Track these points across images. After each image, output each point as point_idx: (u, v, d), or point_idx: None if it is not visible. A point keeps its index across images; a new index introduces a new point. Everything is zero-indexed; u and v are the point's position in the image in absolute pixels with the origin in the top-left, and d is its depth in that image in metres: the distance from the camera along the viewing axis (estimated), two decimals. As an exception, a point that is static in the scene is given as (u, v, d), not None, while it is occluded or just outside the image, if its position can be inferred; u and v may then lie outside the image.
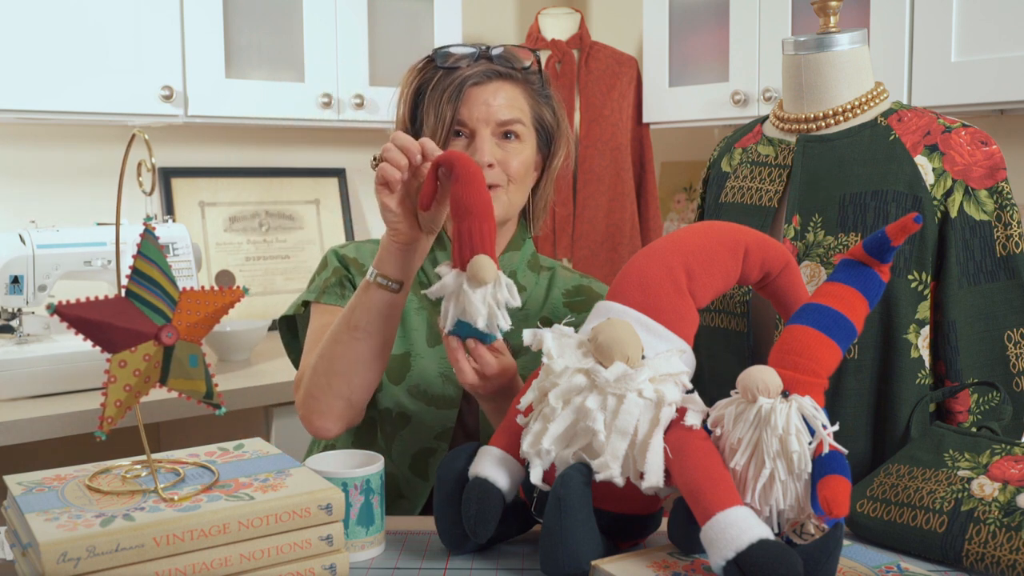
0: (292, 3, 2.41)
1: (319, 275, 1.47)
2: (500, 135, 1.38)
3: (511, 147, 1.38)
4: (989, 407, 1.26)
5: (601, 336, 1.03)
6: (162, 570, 0.91)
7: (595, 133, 2.76)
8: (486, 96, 1.37)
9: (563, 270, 1.52)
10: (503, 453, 1.09)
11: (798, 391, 1.01)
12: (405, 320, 1.43)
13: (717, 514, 0.95)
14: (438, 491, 1.11)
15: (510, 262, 1.45)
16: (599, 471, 1.00)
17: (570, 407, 1.02)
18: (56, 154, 2.42)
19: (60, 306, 0.89)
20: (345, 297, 1.43)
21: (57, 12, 2.07)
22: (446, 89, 1.37)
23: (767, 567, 0.91)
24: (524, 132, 1.40)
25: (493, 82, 1.38)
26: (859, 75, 1.33)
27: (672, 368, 1.04)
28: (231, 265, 2.62)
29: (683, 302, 1.09)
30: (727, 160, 1.45)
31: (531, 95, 1.43)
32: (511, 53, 1.43)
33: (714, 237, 1.13)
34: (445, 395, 1.40)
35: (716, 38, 2.56)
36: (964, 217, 1.25)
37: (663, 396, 1.01)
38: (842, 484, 0.95)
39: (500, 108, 1.37)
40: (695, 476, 0.98)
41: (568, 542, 1.00)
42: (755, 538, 0.92)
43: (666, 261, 1.10)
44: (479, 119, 1.36)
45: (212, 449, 1.12)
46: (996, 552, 1.03)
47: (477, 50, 1.40)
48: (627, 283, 1.10)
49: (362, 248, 1.49)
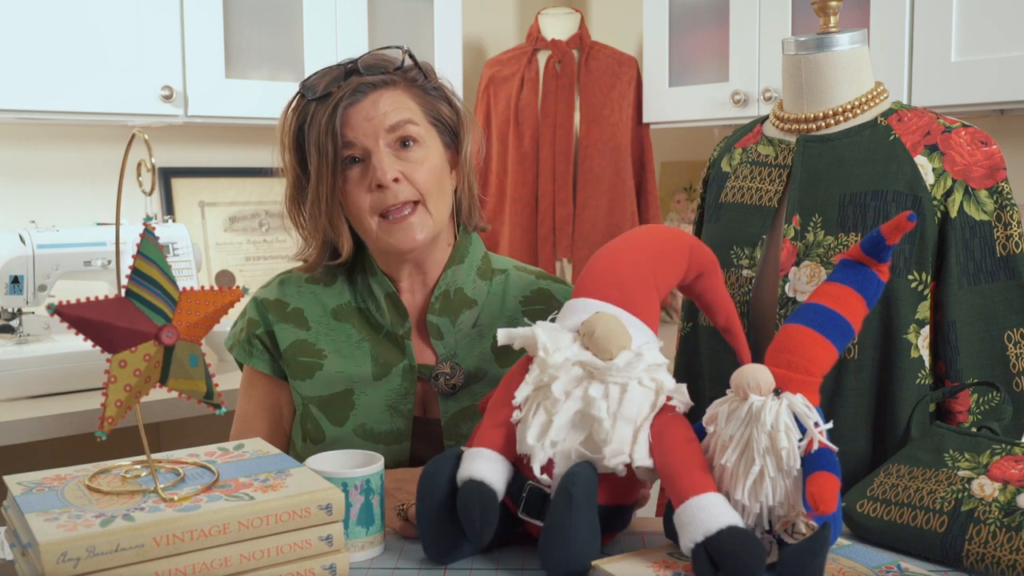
0: (292, 3, 2.41)
1: (240, 320, 1.42)
2: (396, 144, 1.28)
3: (413, 155, 1.29)
4: (989, 407, 1.26)
5: (598, 330, 1.06)
6: (162, 570, 0.91)
7: (595, 133, 2.76)
8: (365, 111, 1.27)
9: (517, 272, 1.43)
10: (494, 453, 1.08)
11: (790, 389, 1.02)
12: (344, 355, 1.35)
13: (690, 498, 0.99)
14: (424, 503, 1.08)
15: (454, 278, 1.36)
16: (612, 458, 1.02)
17: (574, 397, 1.04)
18: (56, 154, 2.41)
19: (60, 306, 0.89)
20: (253, 356, 1.38)
21: (57, 12, 2.07)
22: (322, 119, 1.27)
23: (733, 553, 0.95)
24: (421, 133, 1.30)
25: (368, 95, 1.28)
26: (859, 75, 1.33)
27: (659, 359, 1.08)
28: (231, 265, 2.62)
29: (651, 297, 1.14)
30: (727, 160, 1.45)
31: (416, 93, 1.33)
32: (379, 57, 1.32)
33: (666, 236, 1.19)
34: (394, 429, 1.34)
35: (716, 38, 2.56)
36: (964, 217, 1.25)
37: (662, 384, 1.06)
38: (830, 481, 0.95)
39: (384, 116, 1.27)
40: (673, 461, 1.02)
41: (575, 540, 1.01)
42: (724, 524, 0.97)
43: (635, 259, 1.14)
44: (366, 135, 1.27)
45: (212, 449, 1.12)
46: (996, 552, 1.03)
47: (343, 68, 1.30)
48: (602, 281, 1.13)
49: (287, 284, 1.41)
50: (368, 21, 2.52)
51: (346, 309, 1.38)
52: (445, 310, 1.37)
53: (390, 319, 1.36)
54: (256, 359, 1.39)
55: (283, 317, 1.38)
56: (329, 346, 1.36)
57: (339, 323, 1.37)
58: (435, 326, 1.36)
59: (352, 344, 1.36)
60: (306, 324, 1.37)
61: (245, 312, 1.42)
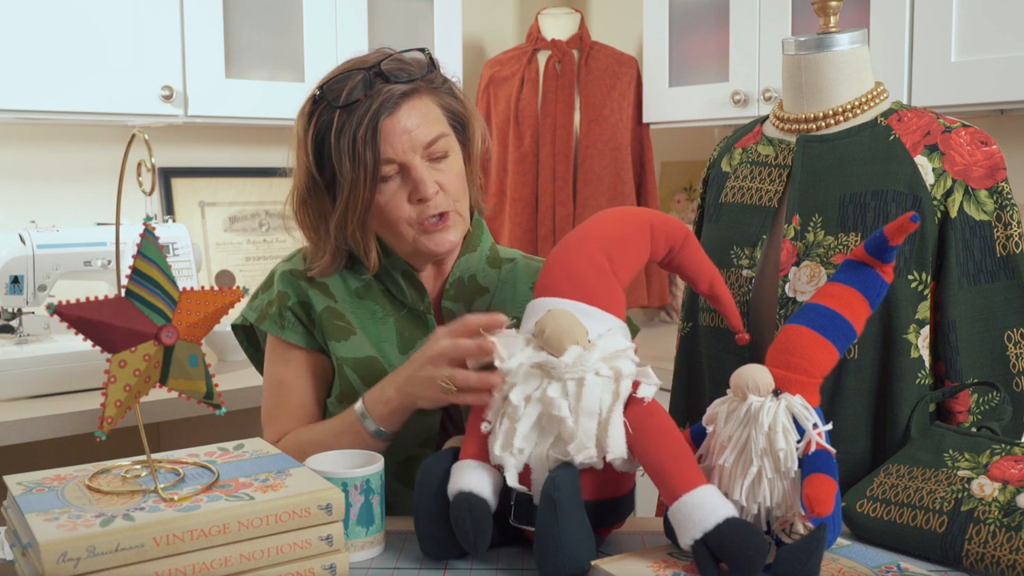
0: (292, 3, 2.41)
1: (262, 293, 1.40)
2: (429, 158, 1.29)
3: (444, 164, 1.30)
4: (989, 407, 1.26)
5: (548, 328, 1.06)
6: (162, 570, 0.91)
7: (595, 133, 2.76)
8: (402, 124, 1.26)
9: (526, 260, 1.46)
10: (479, 463, 1.08)
11: (790, 390, 1.02)
12: (369, 331, 1.36)
13: (683, 495, 0.99)
14: (421, 501, 1.08)
15: (468, 266, 1.39)
16: (577, 454, 1.02)
17: (533, 401, 1.04)
18: (56, 154, 2.42)
19: (60, 306, 0.89)
20: (285, 329, 1.35)
21: (57, 12, 2.07)
22: (356, 130, 1.24)
23: (734, 545, 0.96)
24: (450, 143, 1.31)
25: (401, 106, 1.27)
26: (859, 75, 1.33)
27: (619, 344, 1.07)
28: (231, 265, 2.62)
29: (610, 283, 1.13)
30: (727, 160, 1.45)
31: (437, 96, 1.32)
32: (402, 62, 1.31)
33: (621, 220, 1.18)
34: None
35: (716, 38, 2.56)
36: (964, 217, 1.25)
37: (620, 370, 1.04)
38: (826, 483, 0.95)
39: (419, 130, 1.27)
40: (660, 456, 1.02)
41: (566, 545, 1.00)
42: (721, 518, 0.97)
43: (586, 249, 1.14)
44: (404, 151, 1.26)
45: (212, 449, 1.12)
46: (996, 552, 1.03)
47: (364, 73, 1.27)
48: (554, 277, 1.13)
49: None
50: (368, 21, 2.52)
51: (368, 288, 1.38)
52: (460, 296, 1.38)
53: (410, 296, 1.37)
54: (289, 331, 1.36)
55: (313, 284, 1.37)
56: (356, 322, 1.36)
57: (362, 300, 1.37)
58: (451, 312, 1.37)
59: (377, 320, 1.37)
60: (333, 297, 1.37)
61: (272, 285, 1.39)
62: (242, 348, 1.48)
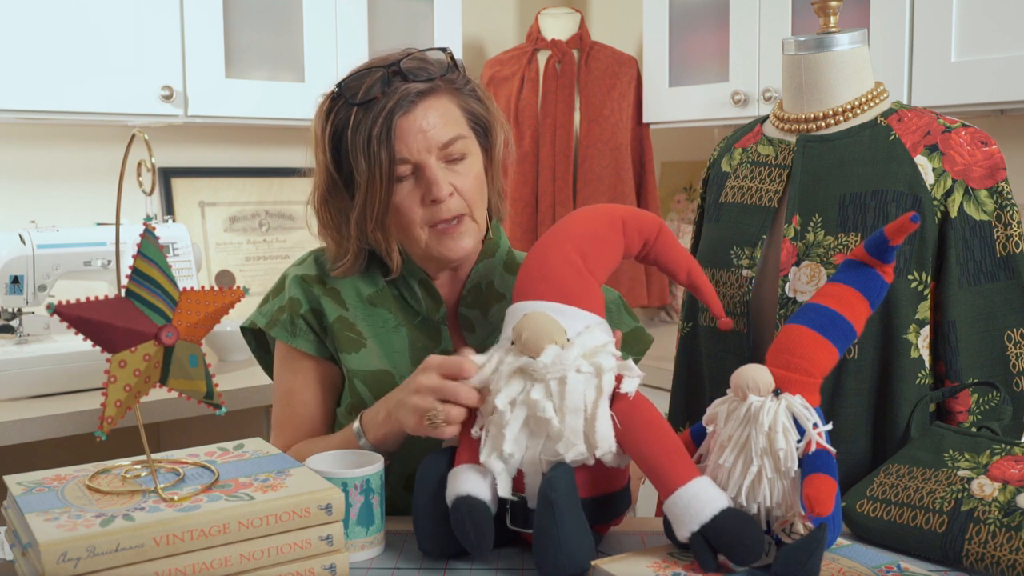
0: (292, 3, 2.41)
1: (273, 298, 1.38)
2: (445, 159, 1.26)
3: (460, 167, 1.27)
4: (989, 407, 1.26)
5: (525, 332, 1.06)
6: (162, 570, 0.91)
7: (595, 133, 2.76)
8: (418, 123, 1.24)
9: None
10: (474, 466, 1.08)
11: (790, 390, 1.02)
12: (382, 340, 1.34)
13: (678, 489, 1.00)
14: (419, 500, 1.09)
15: (486, 272, 1.37)
16: (567, 452, 1.02)
17: (519, 405, 1.04)
18: (56, 154, 2.42)
19: (60, 306, 0.89)
20: (296, 336, 1.33)
21: (57, 12, 2.07)
22: (371, 128, 1.23)
23: (732, 536, 0.97)
24: (468, 145, 1.29)
25: (418, 104, 1.25)
26: (859, 75, 1.33)
27: (598, 340, 1.08)
28: (231, 265, 2.62)
29: (585, 281, 1.13)
30: (727, 160, 1.45)
31: (457, 97, 1.30)
32: (421, 60, 1.28)
33: (592, 218, 1.18)
34: None
35: (716, 38, 2.56)
36: (964, 217, 1.25)
37: (600, 365, 1.05)
38: (826, 483, 0.95)
39: (436, 130, 1.24)
40: (652, 452, 1.02)
41: (565, 545, 1.00)
42: (717, 509, 0.98)
43: (560, 249, 1.15)
44: (419, 151, 1.24)
45: (212, 449, 1.12)
46: (996, 552, 1.03)
47: (382, 71, 1.25)
48: (530, 279, 1.14)
49: (323, 263, 1.37)
50: (368, 21, 2.52)
51: (381, 295, 1.36)
52: (477, 303, 1.37)
53: (425, 305, 1.35)
54: (300, 339, 1.34)
55: (325, 292, 1.35)
56: (368, 331, 1.34)
57: (375, 308, 1.35)
58: (467, 319, 1.36)
59: (389, 330, 1.35)
60: (344, 306, 1.35)
61: (284, 290, 1.36)
62: (251, 350, 1.46)
